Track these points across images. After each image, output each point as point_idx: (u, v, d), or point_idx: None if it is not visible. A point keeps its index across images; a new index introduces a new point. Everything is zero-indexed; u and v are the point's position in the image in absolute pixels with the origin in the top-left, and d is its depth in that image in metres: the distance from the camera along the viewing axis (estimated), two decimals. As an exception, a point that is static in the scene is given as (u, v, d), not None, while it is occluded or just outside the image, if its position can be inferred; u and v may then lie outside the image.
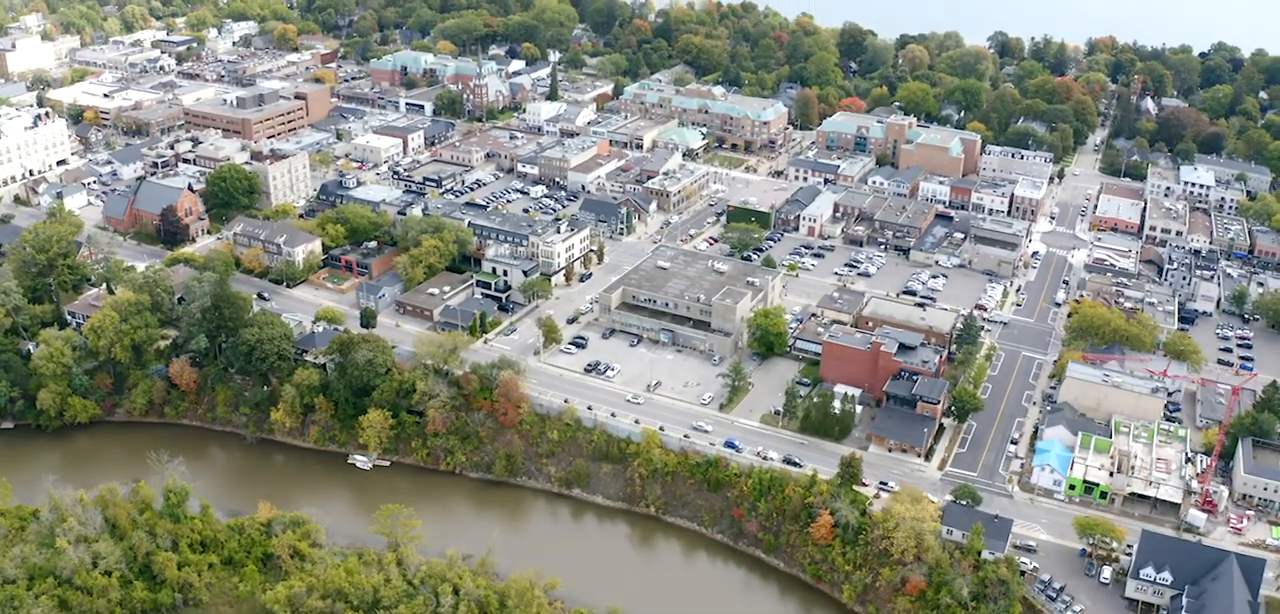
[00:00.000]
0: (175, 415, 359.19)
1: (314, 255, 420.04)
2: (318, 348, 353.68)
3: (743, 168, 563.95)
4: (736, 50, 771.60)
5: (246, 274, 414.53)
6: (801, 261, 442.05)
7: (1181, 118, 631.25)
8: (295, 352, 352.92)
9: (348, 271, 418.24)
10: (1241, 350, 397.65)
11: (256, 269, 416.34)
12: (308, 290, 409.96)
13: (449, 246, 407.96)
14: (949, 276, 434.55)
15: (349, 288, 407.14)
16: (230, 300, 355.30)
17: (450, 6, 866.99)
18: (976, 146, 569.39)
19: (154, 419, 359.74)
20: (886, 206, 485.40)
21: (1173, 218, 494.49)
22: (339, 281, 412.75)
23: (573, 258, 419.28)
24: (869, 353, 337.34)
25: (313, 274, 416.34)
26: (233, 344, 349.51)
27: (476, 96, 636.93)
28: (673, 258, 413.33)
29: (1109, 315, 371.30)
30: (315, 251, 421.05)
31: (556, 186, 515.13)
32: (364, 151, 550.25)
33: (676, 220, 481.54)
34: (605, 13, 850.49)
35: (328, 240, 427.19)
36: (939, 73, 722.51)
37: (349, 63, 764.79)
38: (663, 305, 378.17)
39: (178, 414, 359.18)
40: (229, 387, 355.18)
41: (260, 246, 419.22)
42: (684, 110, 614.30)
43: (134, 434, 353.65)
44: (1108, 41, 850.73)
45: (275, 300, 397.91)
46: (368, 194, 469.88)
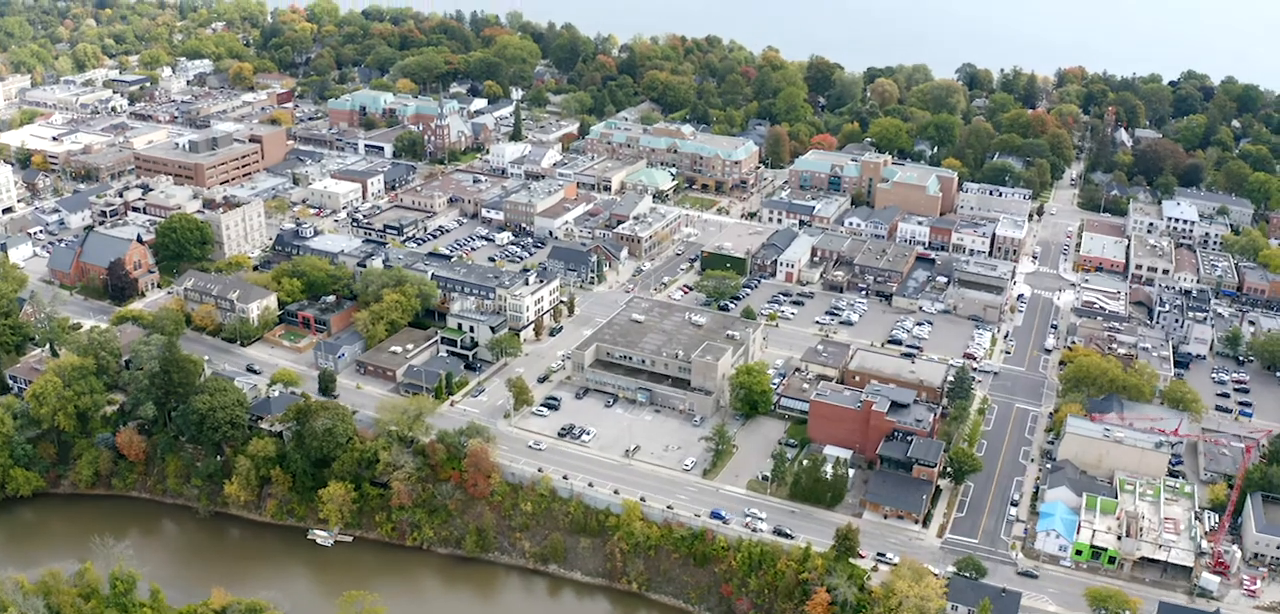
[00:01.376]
0: (124, 487, 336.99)
1: (269, 312, 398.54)
2: (274, 415, 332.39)
3: (715, 209, 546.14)
4: (703, 86, 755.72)
5: (198, 332, 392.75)
6: (781, 310, 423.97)
7: (1159, 150, 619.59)
8: (250, 419, 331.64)
9: (305, 328, 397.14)
10: (1238, 395, 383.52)
11: (208, 327, 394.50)
12: (263, 349, 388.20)
13: (412, 301, 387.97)
14: (934, 323, 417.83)
15: (306, 346, 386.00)
16: (180, 365, 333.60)
17: (410, 43, 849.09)
18: (954, 184, 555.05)
19: (101, 491, 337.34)
20: (866, 250, 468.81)
21: (1158, 255, 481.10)
22: (296, 339, 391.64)
23: (542, 310, 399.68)
24: (860, 412, 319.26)
25: (268, 332, 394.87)
26: (183, 412, 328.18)
27: (438, 138, 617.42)
28: (648, 310, 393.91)
29: (1105, 365, 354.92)
30: (271, 308, 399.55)
31: (523, 233, 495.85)
32: (322, 197, 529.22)
33: (649, 267, 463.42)
34: (568, 49, 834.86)
35: (284, 295, 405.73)
36: (910, 107, 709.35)
37: (306, 102, 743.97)
38: (639, 362, 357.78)
39: (126, 486, 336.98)
40: (180, 457, 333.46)
41: (212, 303, 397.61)
42: (652, 150, 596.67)
43: (80, 507, 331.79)
44: (1077, 72, 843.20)
45: (228, 361, 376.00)
46: (326, 244, 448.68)
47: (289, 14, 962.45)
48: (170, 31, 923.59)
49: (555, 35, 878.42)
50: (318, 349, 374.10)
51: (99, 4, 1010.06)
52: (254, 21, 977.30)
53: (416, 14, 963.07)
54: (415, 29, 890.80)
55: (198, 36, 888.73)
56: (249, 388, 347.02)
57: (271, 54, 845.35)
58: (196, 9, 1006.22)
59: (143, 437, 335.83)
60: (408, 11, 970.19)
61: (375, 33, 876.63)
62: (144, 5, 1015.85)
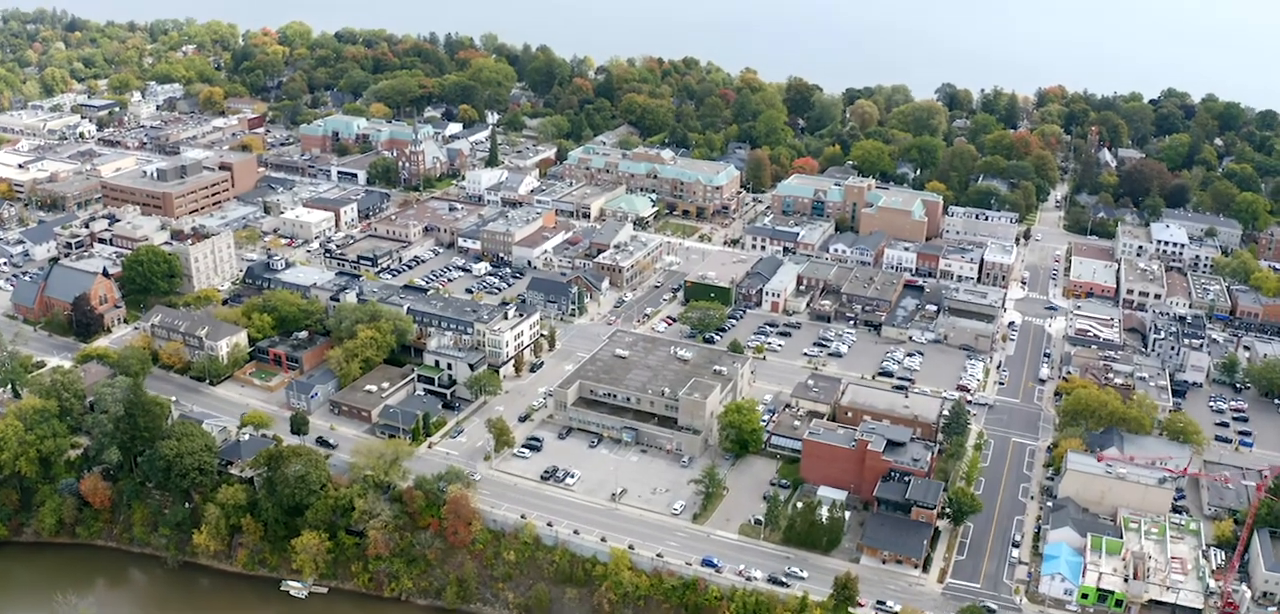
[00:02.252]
0: (88, 536, 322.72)
1: (239, 349, 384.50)
2: (244, 460, 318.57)
3: (697, 236, 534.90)
4: (682, 109, 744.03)
5: (166, 370, 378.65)
6: (768, 342, 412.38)
7: (1144, 171, 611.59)
8: (219, 464, 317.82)
9: (277, 366, 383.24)
10: (1238, 424, 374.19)
11: (176, 365, 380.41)
12: (233, 388, 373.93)
13: (387, 338, 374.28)
14: (925, 354, 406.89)
15: (278, 385, 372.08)
16: (145, 408, 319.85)
17: (383, 67, 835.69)
18: (939, 208, 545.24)
19: (66, 540, 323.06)
20: (853, 278, 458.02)
21: (1149, 280, 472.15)
22: (267, 377, 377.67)
23: (522, 345, 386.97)
24: (855, 451, 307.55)
25: (238, 370, 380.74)
26: (149, 458, 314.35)
27: (413, 164, 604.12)
28: (631, 344, 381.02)
29: (1104, 397, 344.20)
30: (241, 345, 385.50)
31: (501, 262, 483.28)
32: (293, 227, 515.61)
33: (631, 298, 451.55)
34: (544, 72, 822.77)
35: (254, 331, 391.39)
36: (891, 129, 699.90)
37: (278, 127, 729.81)
38: (624, 400, 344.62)
39: (91, 534, 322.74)
40: (147, 504, 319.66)
41: (180, 340, 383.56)
42: (632, 175, 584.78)
43: (44, 557, 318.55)
44: (1057, 91, 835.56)
45: (197, 402, 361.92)
46: (297, 277, 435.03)
47: (261, 37, 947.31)
48: (140, 55, 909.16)
49: (531, 58, 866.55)
50: (290, 388, 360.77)
51: (69, 27, 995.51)
52: (225, 44, 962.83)
53: (390, 36, 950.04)
54: (389, 52, 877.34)
55: (168, 60, 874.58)
56: (218, 431, 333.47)
57: (243, 78, 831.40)
58: (167, 32, 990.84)
59: (108, 483, 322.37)
60: (381, 34, 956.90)
61: (348, 56, 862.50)
62: (114, 28, 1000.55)
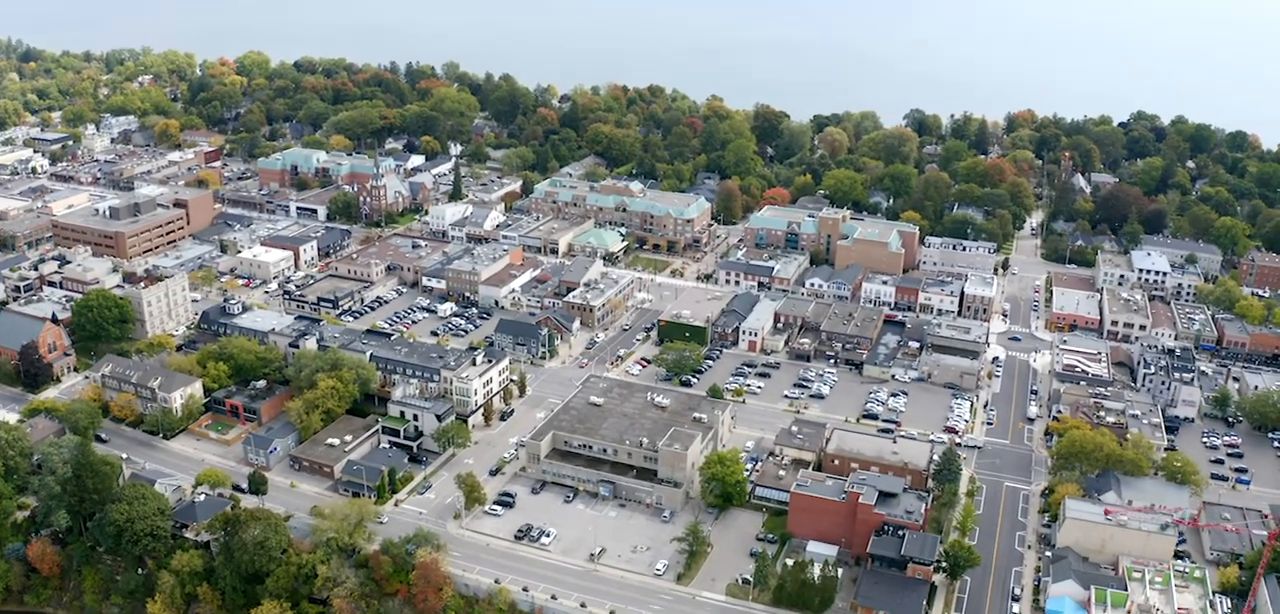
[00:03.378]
0: (38, 604, 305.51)
1: (194, 400, 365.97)
2: (200, 522, 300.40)
3: (668, 271, 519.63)
4: (649, 139, 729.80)
5: (117, 423, 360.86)
6: (747, 384, 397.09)
7: (1121, 196, 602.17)
8: (174, 527, 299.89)
9: (234, 418, 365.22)
10: (1232, 460, 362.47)
11: (128, 418, 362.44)
12: (188, 442, 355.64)
13: (349, 387, 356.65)
14: (909, 393, 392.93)
15: (235, 438, 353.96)
16: (94, 470, 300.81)
17: (343, 97, 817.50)
18: (915, 238, 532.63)
19: (13, 608, 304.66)
20: (832, 314, 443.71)
21: (1133, 310, 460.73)
22: (223, 430, 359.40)
23: (491, 393, 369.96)
24: (845, 504, 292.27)
25: (193, 422, 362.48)
26: (99, 522, 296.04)
27: (374, 198, 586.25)
28: (606, 390, 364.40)
29: (1099, 438, 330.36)
30: (195, 395, 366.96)
31: (467, 302, 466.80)
32: (251, 267, 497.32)
33: (603, 338, 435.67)
34: (507, 101, 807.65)
35: (209, 381, 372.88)
36: (862, 157, 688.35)
37: (235, 160, 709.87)
38: (600, 452, 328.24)
39: (41, 602, 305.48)
40: (98, 570, 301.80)
41: (133, 391, 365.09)
42: (600, 209, 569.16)
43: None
44: (1026, 116, 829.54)
45: (150, 457, 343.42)
46: (255, 322, 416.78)
47: (218, 67, 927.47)
48: (96, 86, 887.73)
49: (493, 87, 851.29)
50: (247, 442, 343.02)
51: (23, 57, 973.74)
52: (182, 75, 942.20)
53: (350, 66, 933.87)
54: (349, 82, 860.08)
55: (124, 92, 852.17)
56: (172, 490, 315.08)
57: (199, 110, 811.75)
58: (123, 62, 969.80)
59: (57, 548, 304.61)
60: (341, 63, 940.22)
61: (307, 86, 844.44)
62: (69, 58, 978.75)
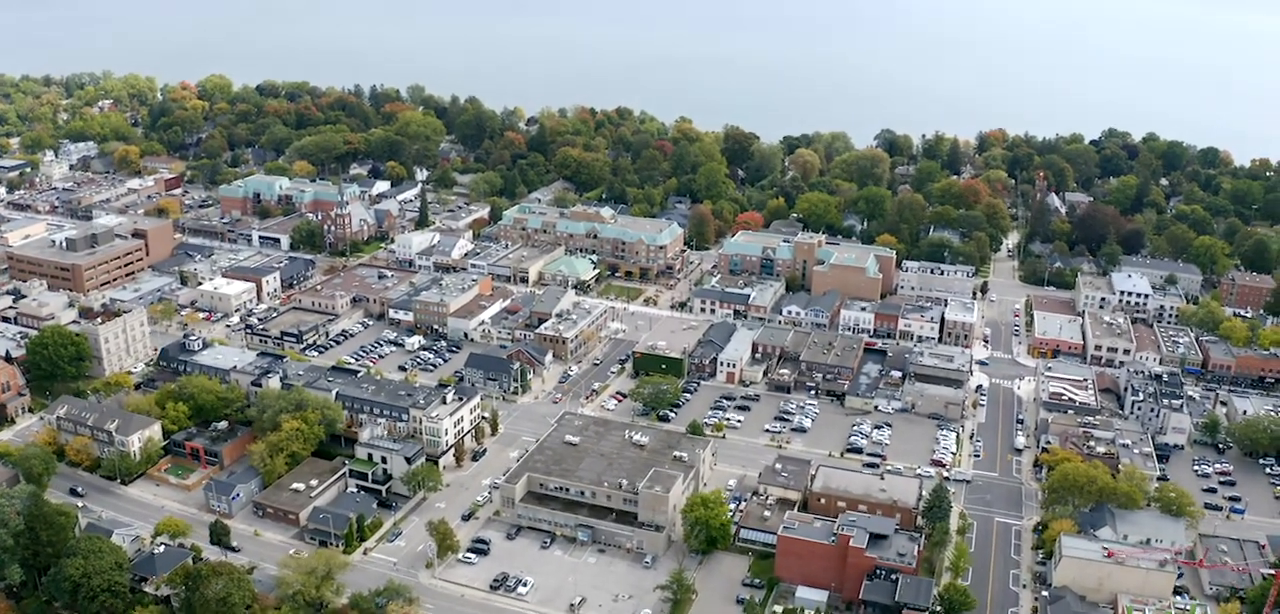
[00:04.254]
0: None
1: (153, 443, 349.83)
2: (159, 575, 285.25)
3: (641, 300, 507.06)
4: (618, 162, 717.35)
5: (73, 467, 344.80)
6: (726, 418, 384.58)
7: (1098, 216, 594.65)
8: (132, 579, 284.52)
9: (194, 461, 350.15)
10: (1225, 489, 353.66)
11: (84, 462, 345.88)
12: (147, 487, 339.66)
13: (314, 428, 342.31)
14: (893, 425, 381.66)
15: (196, 483, 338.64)
16: (47, 521, 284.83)
17: (307, 122, 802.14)
18: (892, 263, 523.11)
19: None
20: (811, 344, 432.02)
21: (1117, 334, 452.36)
22: (183, 474, 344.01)
23: (463, 432, 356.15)
24: (835, 547, 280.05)
25: (152, 466, 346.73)
26: (53, 577, 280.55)
27: (339, 227, 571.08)
28: (582, 428, 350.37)
29: (1091, 471, 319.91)
30: (154, 438, 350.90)
31: (435, 335, 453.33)
32: (212, 300, 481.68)
33: (576, 371, 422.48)
34: (474, 125, 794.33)
35: (169, 423, 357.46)
36: (834, 179, 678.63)
37: (196, 187, 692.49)
38: (577, 494, 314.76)
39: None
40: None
41: (89, 434, 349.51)
42: (571, 236, 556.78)
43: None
44: (998, 135, 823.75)
45: (107, 504, 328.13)
46: (216, 359, 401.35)
47: (179, 91, 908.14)
48: (55, 111, 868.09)
49: (459, 110, 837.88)
50: (208, 488, 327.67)
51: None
52: (143, 99, 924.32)
53: (313, 89, 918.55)
54: (312, 106, 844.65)
55: (83, 117, 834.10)
56: (130, 540, 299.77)
57: (160, 135, 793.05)
58: (84, 86, 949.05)
59: (11, 602, 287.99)
60: (304, 86, 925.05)
61: (270, 110, 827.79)
62: (29, 82, 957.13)
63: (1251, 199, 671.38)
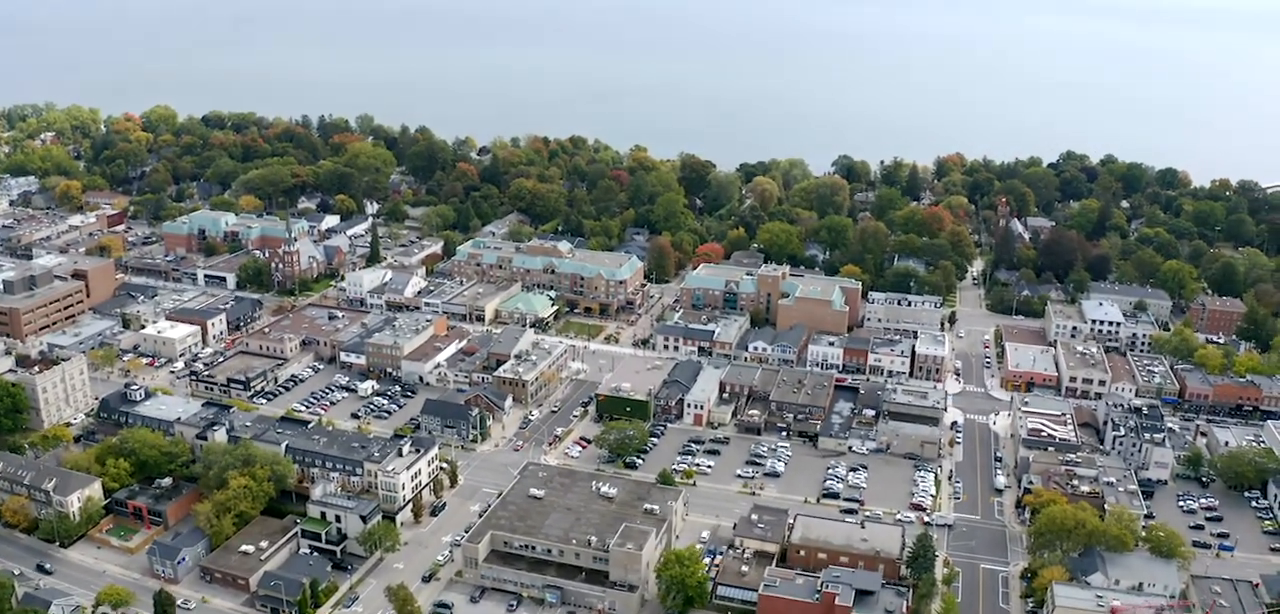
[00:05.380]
0: None
1: (93, 502, 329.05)
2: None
3: (603, 337, 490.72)
4: (574, 193, 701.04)
5: (9, 529, 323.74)
6: (696, 464, 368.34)
7: (1063, 242, 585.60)
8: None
9: (137, 521, 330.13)
10: (1211, 525, 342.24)
11: (21, 524, 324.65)
12: (88, 550, 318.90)
13: (263, 485, 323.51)
14: (869, 466, 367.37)
15: (139, 546, 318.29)
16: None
17: (253, 154, 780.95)
18: (858, 295, 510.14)
19: None
20: (781, 383, 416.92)
21: (1091, 365, 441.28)
22: (126, 536, 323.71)
23: (421, 485, 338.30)
24: (819, 605, 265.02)
25: (93, 528, 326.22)
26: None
27: (287, 264, 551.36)
28: (546, 480, 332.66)
29: (1079, 514, 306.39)
30: (94, 497, 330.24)
31: (389, 379, 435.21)
32: (155, 344, 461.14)
33: (537, 415, 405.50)
34: (425, 156, 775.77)
35: (109, 480, 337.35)
36: (794, 208, 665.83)
37: (140, 223, 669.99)
38: (545, 553, 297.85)
39: None
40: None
41: (25, 494, 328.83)
42: (527, 271, 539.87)
43: None
44: (956, 159, 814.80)
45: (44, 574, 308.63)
46: (159, 409, 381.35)
47: (123, 122, 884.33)
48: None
49: (410, 140, 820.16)
50: (153, 551, 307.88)
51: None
52: (86, 131, 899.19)
53: (259, 120, 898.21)
54: (259, 138, 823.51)
55: (25, 150, 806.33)
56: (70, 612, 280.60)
57: (103, 169, 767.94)
58: (26, 118, 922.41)
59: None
60: (251, 117, 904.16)
61: (216, 142, 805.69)
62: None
63: (1214, 220, 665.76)
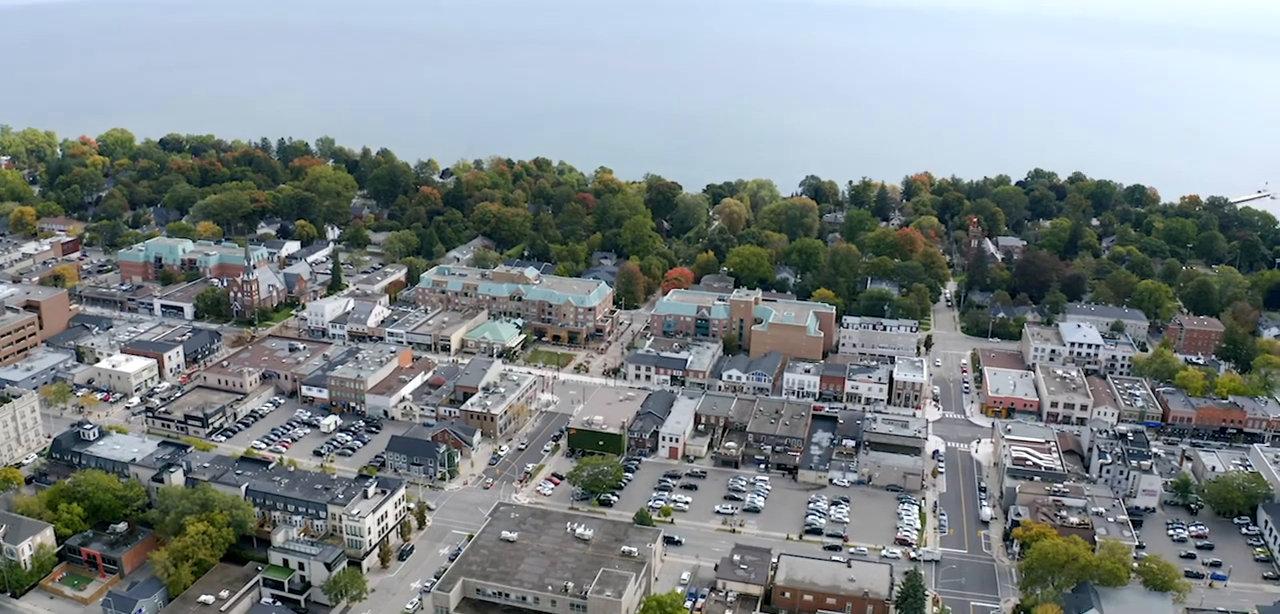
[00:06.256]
0: None
1: (45, 549, 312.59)
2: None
3: (572, 366, 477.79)
4: (539, 217, 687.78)
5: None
6: (673, 501, 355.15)
7: (1037, 262, 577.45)
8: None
9: (92, 570, 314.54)
10: (1203, 554, 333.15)
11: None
12: (40, 600, 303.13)
13: (222, 531, 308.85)
14: (851, 499, 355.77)
15: (94, 596, 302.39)
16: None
17: (212, 178, 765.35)
18: (832, 319, 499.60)
19: None
20: (758, 413, 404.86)
21: (1072, 389, 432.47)
22: (80, 584, 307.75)
23: (387, 528, 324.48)
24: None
25: (45, 577, 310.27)
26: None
27: (246, 294, 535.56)
28: (519, 522, 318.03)
29: (1071, 549, 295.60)
30: (46, 544, 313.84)
31: (352, 413, 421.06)
32: (110, 378, 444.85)
33: (507, 450, 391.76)
34: (387, 179, 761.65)
35: (62, 526, 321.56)
36: (763, 230, 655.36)
37: (95, 249, 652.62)
38: (520, 600, 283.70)
39: None
40: None
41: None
42: (494, 298, 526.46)
43: None
44: (924, 179, 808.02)
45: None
46: (113, 450, 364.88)
47: (80, 146, 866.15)
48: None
49: (371, 163, 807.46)
50: (107, 602, 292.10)
51: None
52: (41, 155, 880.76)
53: (218, 143, 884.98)
54: (217, 161, 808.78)
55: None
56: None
57: (58, 194, 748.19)
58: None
59: None
60: (209, 139, 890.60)
61: (174, 166, 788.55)
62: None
63: (1186, 237, 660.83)
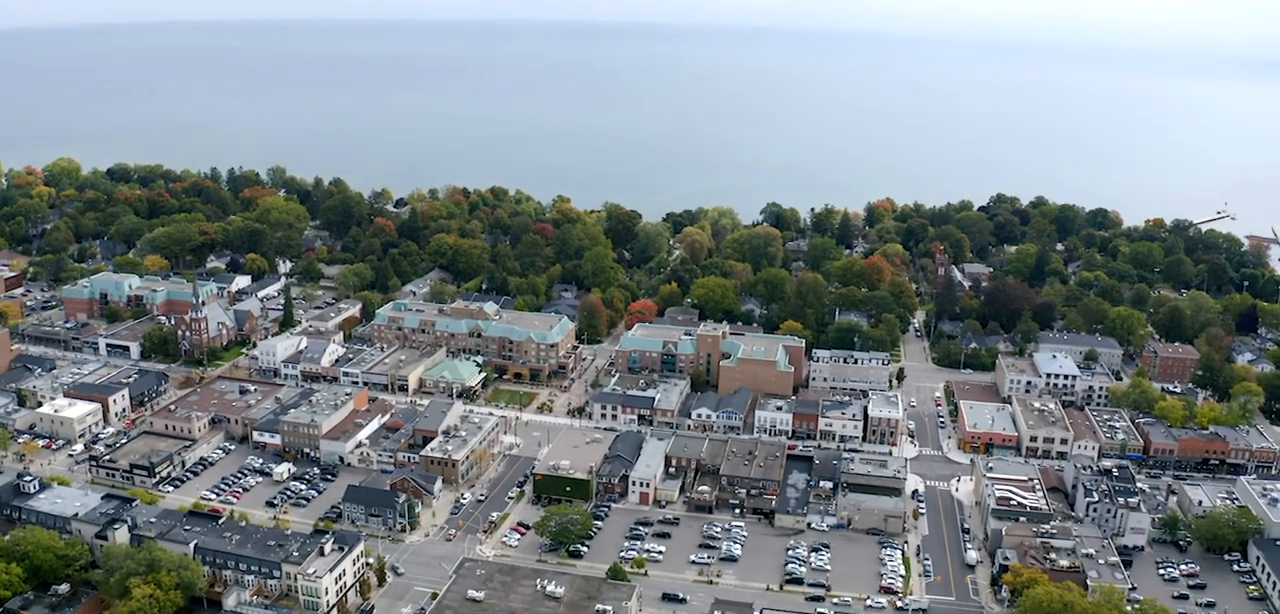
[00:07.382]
0: None
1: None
2: None
3: (535, 406, 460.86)
4: (497, 248, 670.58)
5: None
6: (646, 551, 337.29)
7: (1007, 290, 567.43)
8: None
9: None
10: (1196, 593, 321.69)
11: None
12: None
13: (170, 593, 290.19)
14: (830, 545, 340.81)
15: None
16: None
17: (160, 210, 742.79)
18: (802, 352, 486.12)
19: None
20: (731, 454, 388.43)
21: (1051, 422, 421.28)
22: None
23: (346, 587, 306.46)
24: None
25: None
26: None
27: (195, 332, 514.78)
28: (486, 579, 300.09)
29: (1064, 595, 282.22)
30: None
31: (307, 460, 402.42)
32: (53, 424, 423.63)
33: (470, 498, 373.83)
34: (340, 211, 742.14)
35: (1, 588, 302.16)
36: (726, 260, 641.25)
37: (39, 285, 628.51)
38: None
39: None
40: None
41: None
42: (452, 335, 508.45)
43: None
44: (887, 205, 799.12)
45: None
46: (54, 503, 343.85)
47: (25, 176, 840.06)
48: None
49: (324, 194, 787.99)
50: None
51: None
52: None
53: (167, 173, 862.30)
54: (165, 192, 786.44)
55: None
56: None
57: (2, 227, 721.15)
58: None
59: None
60: (158, 169, 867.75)
61: (121, 197, 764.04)
62: None
63: (1152, 261, 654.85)
